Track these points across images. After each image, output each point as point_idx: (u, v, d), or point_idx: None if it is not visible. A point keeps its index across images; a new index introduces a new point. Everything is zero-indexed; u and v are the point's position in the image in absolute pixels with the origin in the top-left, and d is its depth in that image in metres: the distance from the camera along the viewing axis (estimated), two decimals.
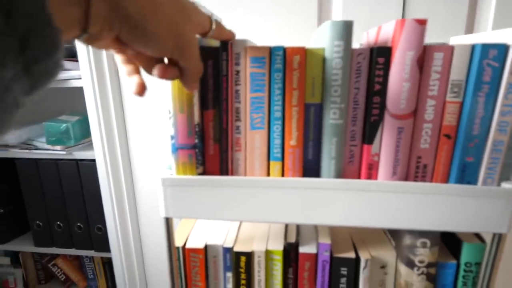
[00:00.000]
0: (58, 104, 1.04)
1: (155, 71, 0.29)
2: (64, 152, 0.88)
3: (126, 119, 0.82)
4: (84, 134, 0.91)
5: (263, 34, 0.68)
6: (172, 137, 0.37)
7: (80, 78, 0.78)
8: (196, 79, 0.31)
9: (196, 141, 0.37)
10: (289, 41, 0.67)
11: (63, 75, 0.81)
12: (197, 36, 0.33)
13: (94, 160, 0.84)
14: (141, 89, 0.30)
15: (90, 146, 0.88)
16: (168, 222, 0.40)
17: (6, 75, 0.13)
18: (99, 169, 0.83)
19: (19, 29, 0.13)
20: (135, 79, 0.31)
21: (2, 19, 0.13)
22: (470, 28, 0.60)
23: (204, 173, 0.38)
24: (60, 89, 1.03)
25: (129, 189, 0.86)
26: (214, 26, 0.32)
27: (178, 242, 0.43)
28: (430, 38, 0.61)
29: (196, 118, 0.36)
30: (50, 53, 0.16)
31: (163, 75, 0.29)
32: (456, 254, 0.40)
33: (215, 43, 0.35)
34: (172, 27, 0.26)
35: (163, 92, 0.77)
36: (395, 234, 0.42)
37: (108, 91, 0.77)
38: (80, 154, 0.87)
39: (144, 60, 0.30)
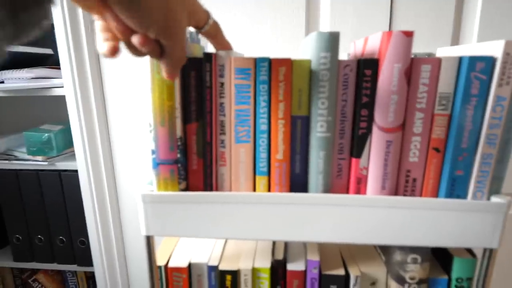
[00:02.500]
0: (40, 113, 1.01)
1: (135, 38, 0.26)
2: (46, 163, 0.84)
3: (110, 128, 0.80)
4: (67, 143, 0.88)
5: (250, 45, 0.67)
6: (153, 152, 0.35)
7: (63, 86, 0.75)
8: (179, 65, 0.29)
9: (179, 155, 0.35)
10: (277, 51, 0.67)
11: (44, 83, 0.78)
12: (191, 29, 0.32)
13: (77, 171, 0.81)
14: (113, 51, 0.27)
15: (73, 156, 0.85)
16: (149, 240, 0.38)
17: None
18: (81, 180, 0.80)
19: None
20: (110, 43, 0.28)
21: None
22: (456, 39, 0.60)
23: (187, 188, 0.37)
24: (43, 97, 0.99)
25: (113, 201, 0.83)
26: (210, 21, 0.30)
27: (160, 261, 0.41)
28: (417, 48, 0.61)
29: (178, 131, 0.35)
30: (38, 2, 0.15)
31: (143, 44, 0.26)
32: (447, 269, 0.39)
33: (199, 53, 0.34)
34: (163, 3, 0.25)
35: (143, 104, 0.75)
36: (385, 249, 0.41)
37: (91, 99, 0.75)
38: (63, 165, 0.83)
39: (126, 32, 0.27)
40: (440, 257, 0.41)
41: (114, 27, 0.26)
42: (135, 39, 0.26)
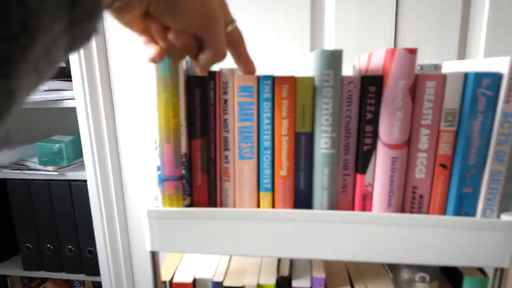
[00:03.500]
0: (52, 124, 1.03)
1: (171, 35, 0.28)
2: (57, 173, 0.86)
3: (118, 139, 0.81)
4: (77, 154, 0.90)
5: (257, 62, 0.67)
6: (159, 168, 0.35)
7: (74, 99, 0.77)
8: (218, 58, 0.30)
9: (183, 172, 0.35)
10: (283, 68, 0.67)
11: (56, 95, 0.80)
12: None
13: (86, 181, 0.82)
14: (160, 55, 0.29)
15: (83, 166, 0.86)
16: (154, 255, 0.38)
17: (56, 27, 0.14)
18: (90, 190, 0.81)
19: None
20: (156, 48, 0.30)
21: None
22: (462, 50, 0.60)
23: (191, 204, 0.37)
24: (54, 109, 1.02)
25: (120, 212, 0.84)
26: (234, 24, 0.31)
27: (165, 276, 0.41)
28: (423, 59, 0.61)
29: (183, 148, 0.35)
30: (92, 16, 0.16)
31: (178, 37, 0.28)
32: None
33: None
34: (198, 0, 0.26)
35: (150, 121, 0.76)
36: (393, 267, 0.41)
37: (101, 111, 0.77)
38: (73, 175, 0.85)
39: (168, 39, 0.29)
40: (450, 276, 0.40)
41: (156, 34, 0.28)
42: (171, 35, 0.28)
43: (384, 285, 0.39)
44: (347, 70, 0.63)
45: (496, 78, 0.31)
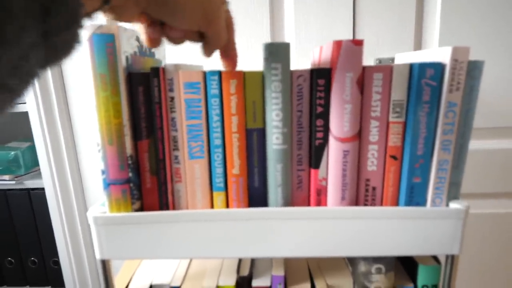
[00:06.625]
0: (7, 130, 0.97)
1: (172, 32, 0.27)
2: (13, 182, 0.81)
3: (77, 144, 0.77)
4: (36, 161, 0.85)
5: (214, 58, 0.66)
6: (103, 172, 0.33)
7: (25, 103, 0.72)
8: (219, 47, 0.30)
9: (130, 174, 0.33)
10: (243, 63, 0.66)
11: None
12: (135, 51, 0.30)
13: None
14: (157, 43, 0.28)
15: None
16: (105, 264, 0.36)
17: (25, 40, 0.13)
18: (48, 198, 0.77)
19: None
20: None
21: None
22: (418, 43, 0.61)
23: (141, 208, 0.35)
24: (10, 114, 0.95)
25: (82, 219, 0.80)
26: (227, 4, 0.30)
27: (120, 284, 0.39)
28: (382, 53, 0.61)
29: (129, 149, 0.33)
30: (69, 26, 0.15)
31: (184, 38, 0.28)
32: (413, 277, 0.38)
33: (148, 67, 0.33)
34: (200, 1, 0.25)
35: (90, 123, 0.73)
36: (351, 260, 0.41)
37: (55, 114, 0.72)
38: (32, 183, 0.80)
39: (169, 34, 0.28)
40: (406, 265, 0.41)
41: (158, 30, 0.27)
42: (172, 33, 0.27)
43: (343, 278, 0.39)
44: (306, 64, 0.63)
45: (439, 68, 0.32)
